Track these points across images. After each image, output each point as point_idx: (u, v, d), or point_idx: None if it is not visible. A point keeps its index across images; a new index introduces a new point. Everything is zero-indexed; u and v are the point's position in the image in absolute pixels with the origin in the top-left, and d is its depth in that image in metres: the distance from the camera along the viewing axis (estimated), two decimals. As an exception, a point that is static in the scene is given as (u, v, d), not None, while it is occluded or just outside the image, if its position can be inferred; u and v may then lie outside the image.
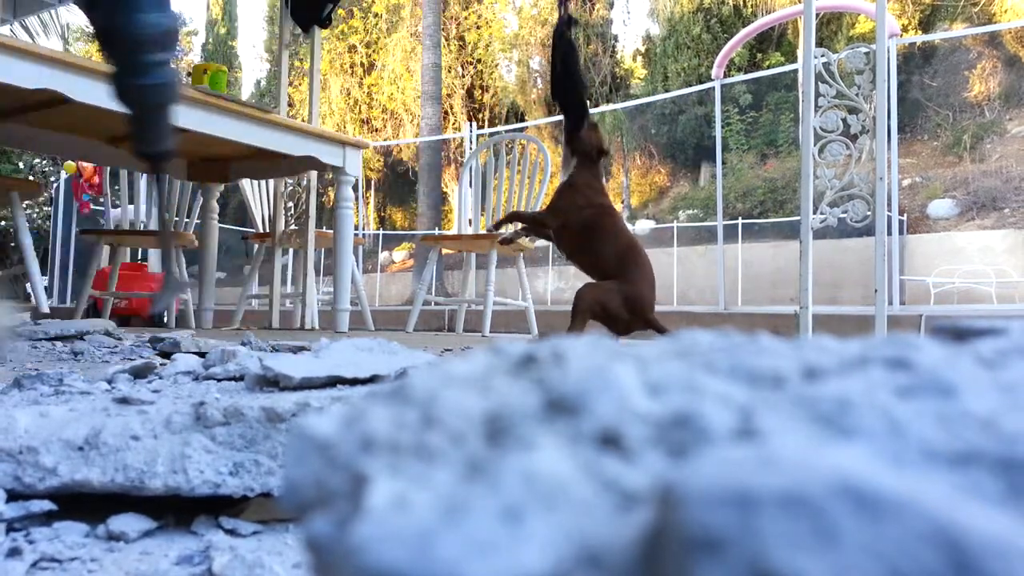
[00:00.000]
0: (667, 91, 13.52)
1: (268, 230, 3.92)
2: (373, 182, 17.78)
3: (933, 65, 13.74)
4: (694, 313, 6.39)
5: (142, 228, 4.01)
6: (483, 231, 3.60)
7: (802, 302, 2.18)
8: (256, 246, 4.19)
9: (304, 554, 0.19)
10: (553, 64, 2.36)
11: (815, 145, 2.22)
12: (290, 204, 3.97)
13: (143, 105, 1.05)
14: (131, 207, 3.87)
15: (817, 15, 3.44)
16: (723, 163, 8.09)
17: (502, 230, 3.40)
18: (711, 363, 0.22)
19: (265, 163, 3.15)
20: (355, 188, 3.41)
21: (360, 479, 0.19)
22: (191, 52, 22.96)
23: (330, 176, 3.11)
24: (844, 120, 2.23)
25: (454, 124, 16.80)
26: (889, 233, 4.68)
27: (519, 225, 2.72)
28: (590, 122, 2.42)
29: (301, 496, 0.20)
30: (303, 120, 3.75)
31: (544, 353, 0.23)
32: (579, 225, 2.30)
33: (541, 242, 2.47)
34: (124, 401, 0.65)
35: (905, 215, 10.36)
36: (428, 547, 0.15)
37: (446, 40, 16.50)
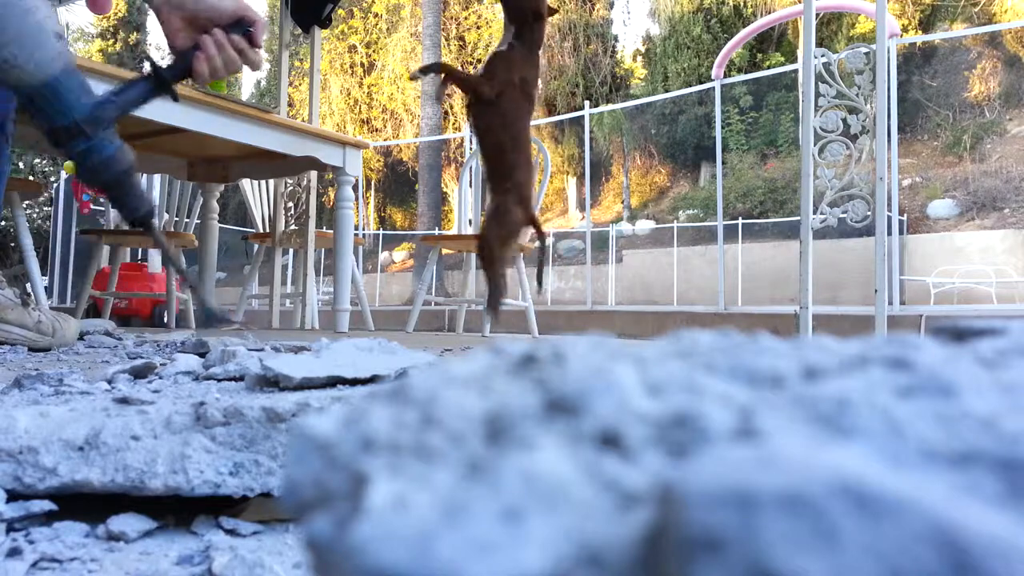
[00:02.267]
0: (667, 91, 13.52)
1: (268, 230, 3.92)
2: (373, 182, 17.78)
3: (933, 65, 13.75)
4: (694, 313, 6.40)
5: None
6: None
7: (802, 302, 2.19)
8: (256, 246, 4.19)
9: (304, 554, 0.19)
10: None
11: (815, 145, 2.22)
12: (290, 204, 3.97)
13: (105, 181, 1.11)
14: (131, 207, 3.86)
15: (817, 15, 3.44)
16: (723, 163, 8.09)
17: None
18: (711, 363, 0.22)
19: (265, 163, 3.15)
20: (355, 188, 3.41)
21: (360, 479, 0.19)
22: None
23: (330, 176, 3.11)
24: (844, 120, 2.23)
25: (454, 124, 16.80)
26: (889, 233, 4.68)
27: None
28: None
29: (301, 496, 0.20)
30: (303, 120, 3.75)
31: (544, 353, 0.23)
32: (507, 109, 2.19)
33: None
34: (124, 401, 0.65)
35: (905, 215, 10.36)
36: (428, 547, 0.15)
37: (446, 40, 16.49)
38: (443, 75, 2.38)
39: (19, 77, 0.98)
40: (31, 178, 11.88)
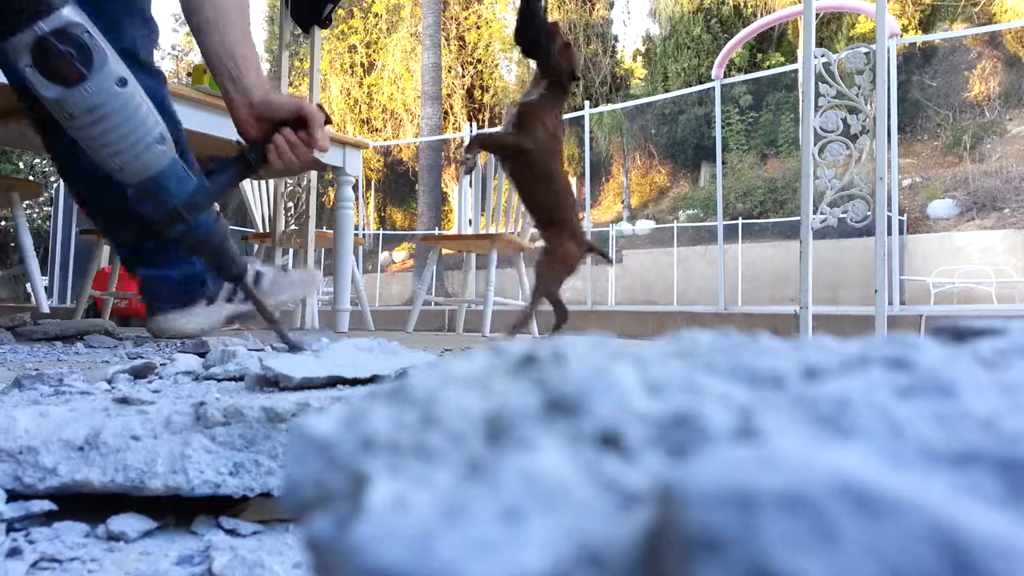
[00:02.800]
0: (667, 91, 13.52)
1: (268, 230, 3.92)
2: (373, 182, 17.78)
3: (933, 65, 13.75)
4: (694, 313, 6.40)
5: (142, 228, 4.00)
6: (483, 231, 3.60)
7: (802, 302, 2.18)
8: (256, 246, 4.19)
9: (304, 554, 0.19)
10: (520, 11, 2.21)
11: (815, 145, 2.22)
12: (290, 204, 3.97)
13: (204, 253, 1.30)
14: (131, 207, 3.86)
15: (817, 15, 3.44)
16: (723, 163, 8.10)
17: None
18: (711, 363, 0.22)
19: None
20: (355, 188, 3.41)
21: (360, 479, 0.19)
22: (191, 52, 22.96)
23: (330, 176, 3.11)
24: (844, 120, 2.23)
25: (454, 124, 16.80)
26: (889, 233, 4.68)
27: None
28: (563, 41, 2.28)
29: (301, 496, 0.20)
30: (303, 120, 3.73)
31: (544, 353, 0.23)
32: (540, 154, 2.25)
33: (541, 242, 2.40)
34: (124, 401, 0.65)
35: (905, 215, 10.37)
36: (428, 547, 0.15)
37: (446, 40, 16.49)
38: (479, 147, 2.44)
39: (127, 178, 1.18)
40: (31, 178, 11.87)
